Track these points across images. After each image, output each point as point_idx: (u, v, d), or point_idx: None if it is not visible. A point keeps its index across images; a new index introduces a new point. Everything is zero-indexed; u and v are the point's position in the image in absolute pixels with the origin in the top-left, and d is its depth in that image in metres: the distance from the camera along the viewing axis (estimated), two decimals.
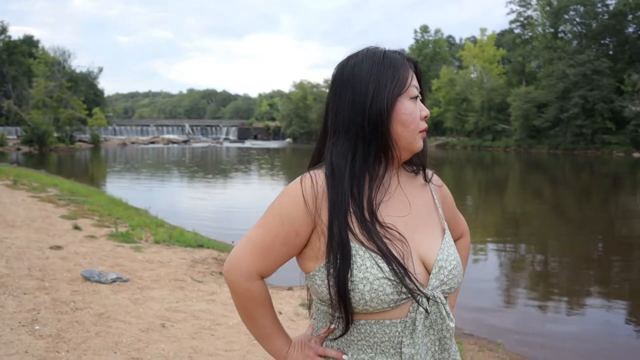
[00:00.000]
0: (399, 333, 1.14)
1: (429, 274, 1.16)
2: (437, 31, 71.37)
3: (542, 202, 16.96)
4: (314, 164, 1.24)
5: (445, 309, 1.16)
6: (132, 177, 23.20)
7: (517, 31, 58.77)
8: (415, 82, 1.19)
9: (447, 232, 1.27)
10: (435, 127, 63.50)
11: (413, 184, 1.28)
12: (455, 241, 1.42)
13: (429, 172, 1.32)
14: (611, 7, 48.74)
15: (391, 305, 1.11)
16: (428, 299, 1.13)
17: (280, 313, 4.44)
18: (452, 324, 1.17)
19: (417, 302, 1.11)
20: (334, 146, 1.16)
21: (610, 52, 47.93)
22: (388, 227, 1.13)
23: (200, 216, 12.05)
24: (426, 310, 1.13)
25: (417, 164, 1.29)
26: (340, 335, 1.16)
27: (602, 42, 49.56)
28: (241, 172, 27.26)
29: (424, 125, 1.21)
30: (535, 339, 5.19)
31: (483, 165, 34.26)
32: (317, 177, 1.15)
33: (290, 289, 5.71)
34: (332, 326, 1.18)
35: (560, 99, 44.71)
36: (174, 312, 4.14)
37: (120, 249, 6.69)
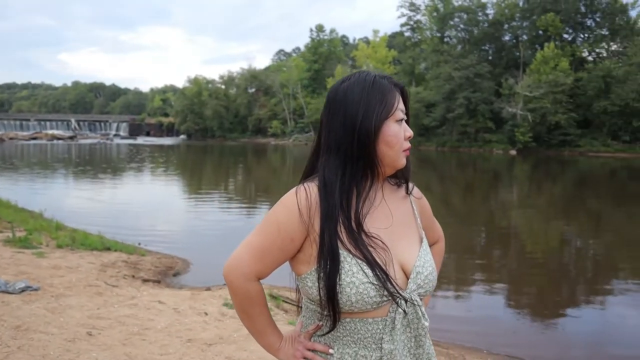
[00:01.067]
0: (380, 330, 1.27)
1: (408, 279, 1.29)
2: (332, 31, 72.82)
3: (431, 196, 17.95)
4: (306, 176, 1.35)
5: (421, 309, 1.29)
6: (16, 177, 21.55)
7: (407, 34, 61.65)
8: (401, 105, 1.32)
9: (425, 241, 1.40)
10: None
11: (396, 196, 1.41)
12: (431, 246, 1.54)
13: (410, 185, 1.44)
14: (490, 17, 52.65)
15: (374, 307, 1.24)
16: (406, 300, 1.26)
17: (206, 314, 4.49)
18: (426, 323, 1.30)
19: (397, 303, 1.25)
20: (326, 162, 1.28)
21: (490, 58, 51.76)
22: (373, 237, 1.26)
23: (98, 217, 11.56)
24: (404, 311, 1.26)
25: (401, 177, 1.42)
26: (328, 332, 1.28)
27: (483, 48, 53.37)
28: (134, 171, 26.25)
29: (407, 144, 1.32)
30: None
31: None
32: (311, 190, 1.27)
33: (208, 289, 5.75)
34: (320, 323, 1.30)
35: (447, 99, 47.57)
36: (98, 319, 4.06)
37: (21, 256, 6.32)
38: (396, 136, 1.29)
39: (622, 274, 8.20)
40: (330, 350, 1.30)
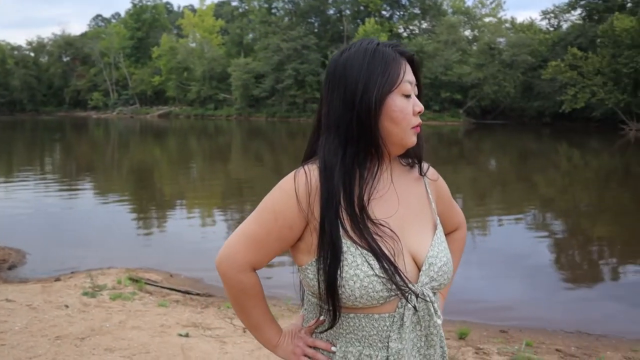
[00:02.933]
0: (387, 327, 1.15)
1: (419, 271, 1.17)
2: None
3: (263, 166, 18.46)
4: (307, 157, 1.24)
5: (433, 306, 1.16)
6: None
7: (234, 3, 61.05)
8: (409, 77, 1.17)
9: (439, 227, 1.27)
10: (157, 96, 62.10)
11: (407, 178, 1.27)
12: (450, 233, 1.44)
13: (425, 166, 1.30)
14: None
15: (380, 302, 1.12)
16: (417, 295, 1.14)
17: (67, 306, 4.25)
18: (439, 321, 1.18)
19: (406, 299, 1.13)
20: (325, 142, 1.16)
21: (316, 30, 53.50)
22: (379, 224, 1.14)
23: None
24: (414, 307, 1.14)
25: (413, 157, 1.28)
26: (328, 329, 1.17)
27: (309, 20, 54.94)
28: None
29: (417, 120, 1.18)
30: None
31: (207, 134, 35.23)
32: (312, 173, 1.15)
33: (58, 279, 5.38)
34: (322, 318, 1.18)
35: (276, 70, 48.34)
36: None
37: None
38: (402, 111, 1.15)
39: None
40: (333, 348, 1.18)
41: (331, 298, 1.11)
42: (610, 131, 37.25)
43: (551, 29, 50.93)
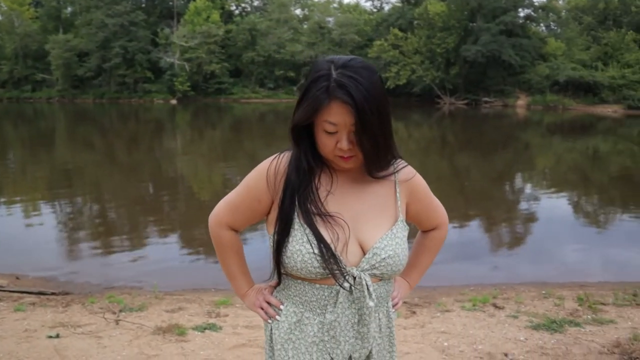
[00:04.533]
0: (325, 298, 1.34)
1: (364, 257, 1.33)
2: None
3: (93, 151, 17.48)
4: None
5: (368, 290, 1.31)
6: None
7: None
8: (333, 119, 1.23)
9: (400, 223, 1.39)
10: None
11: (370, 178, 1.38)
12: (428, 231, 1.58)
13: (399, 167, 1.42)
14: None
15: (318, 277, 1.31)
16: (354, 278, 1.31)
17: None
18: (371, 304, 1.32)
19: (338, 282, 1.29)
20: (292, 134, 1.33)
21: (143, 6, 50.61)
22: (330, 213, 1.31)
23: None
24: (349, 289, 1.30)
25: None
26: (277, 286, 1.43)
27: None
28: None
29: (342, 153, 1.27)
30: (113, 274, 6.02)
31: (25, 119, 31.85)
32: (282, 160, 1.36)
33: None
34: (275, 280, 1.43)
35: (102, 48, 45.03)
36: None
37: None
38: (323, 144, 1.28)
39: None
40: (281, 306, 1.41)
41: (277, 264, 1.36)
42: (428, 105, 41.24)
43: (375, 10, 54.32)
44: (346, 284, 1.30)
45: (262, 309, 1.45)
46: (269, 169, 1.36)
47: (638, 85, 36.93)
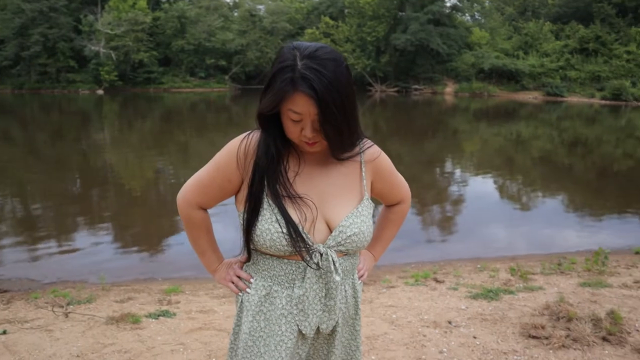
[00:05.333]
0: (293, 272, 1.40)
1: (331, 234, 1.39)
2: None
3: (14, 146, 16.58)
4: None
5: (334, 265, 1.37)
6: None
7: None
8: (297, 108, 1.26)
9: (366, 202, 1.45)
10: None
11: (335, 160, 1.43)
12: (392, 206, 1.66)
13: (365, 147, 1.46)
14: None
15: (286, 254, 1.37)
16: (321, 254, 1.37)
17: None
18: (337, 278, 1.38)
19: (305, 261, 1.36)
20: (259, 120, 1.36)
21: None
22: (298, 194, 1.37)
23: None
24: (315, 265, 1.37)
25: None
26: (246, 262, 1.49)
27: None
28: None
29: (307, 139, 1.32)
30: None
31: None
32: (252, 140, 1.39)
33: None
34: (244, 255, 1.49)
35: (19, 35, 42.46)
36: None
37: None
38: (288, 130, 1.32)
39: None
40: (251, 280, 1.46)
41: (246, 241, 1.42)
42: (360, 93, 41.58)
43: None
44: (313, 262, 1.36)
45: (233, 282, 1.50)
46: (239, 150, 1.38)
47: (555, 73, 39.08)
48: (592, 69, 38.28)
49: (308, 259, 1.36)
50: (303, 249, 1.34)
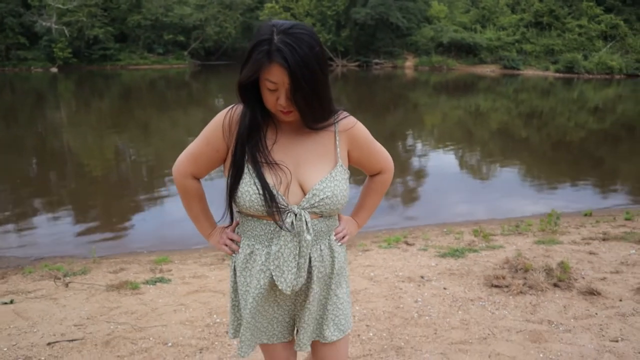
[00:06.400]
0: (271, 231, 1.54)
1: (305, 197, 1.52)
2: None
3: None
4: None
5: (307, 225, 1.51)
6: None
7: None
8: (273, 78, 1.39)
9: (339, 167, 1.56)
10: None
11: (310, 129, 1.55)
12: (374, 175, 1.77)
13: (339, 118, 1.59)
14: None
15: (264, 214, 1.51)
16: (295, 214, 1.50)
17: None
18: (308, 237, 1.51)
19: (274, 220, 1.50)
20: (239, 91, 1.50)
21: None
22: (274, 160, 1.51)
23: None
24: (289, 224, 1.50)
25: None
26: (229, 225, 1.67)
27: None
28: None
29: (282, 108, 1.44)
30: None
31: None
32: (235, 111, 1.54)
33: None
34: (237, 220, 1.65)
35: None
36: None
37: None
38: (266, 99, 1.46)
39: (169, 173, 9.41)
40: (242, 240, 1.62)
41: (229, 204, 1.60)
42: None
43: None
44: (288, 220, 1.50)
45: (226, 245, 1.66)
46: (224, 121, 1.54)
47: (512, 46, 40.01)
48: (546, 43, 39.35)
49: (279, 218, 1.50)
50: (275, 210, 1.49)
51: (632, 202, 8.35)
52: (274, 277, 1.54)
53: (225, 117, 1.54)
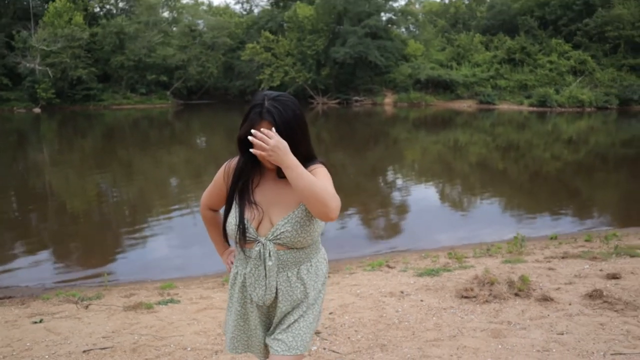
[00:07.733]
0: (246, 257, 1.93)
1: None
2: None
3: None
4: None
5: (269, 252, 1.86)
6: None
7: None
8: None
9: (300, 208, 1.88)
10: None
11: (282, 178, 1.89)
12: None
13: (311, 168, 1.86)
14: None
15: (242, 242, 1.89)
16: (263, 244, 1.87)
17: None
18: (269, 263, 1.87)
19: (242, 249, 1.91)
20: (238, 145, 1.90)
21: None
22: (254, 200, 1.91)
23: None
24: (256, 252, 1.88)
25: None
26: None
27: None
28: None
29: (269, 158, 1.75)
30: None
31: None
32: (233, 162, 1.97)
33: None
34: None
35: None
36: None
37: None
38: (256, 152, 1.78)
39: (155, 211, 10.22)
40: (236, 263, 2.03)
41: (224, 231, 2.01)
42: (302, 105, 41.83)
43: (244, 13, 55.13)
44: (256, 248, 1.88)
45: (229, 264, 2.14)
46: (225, 169, 2.00)
47: (487, 82, 41.59)
48: (519, 78, 41.01)
49: (246, 247, 1.90)
50: (242, 239, 1.89)
51: (595, 225, 9.08)
52: (249, 291, 1.93)
53: (225, 166, 2.01)
